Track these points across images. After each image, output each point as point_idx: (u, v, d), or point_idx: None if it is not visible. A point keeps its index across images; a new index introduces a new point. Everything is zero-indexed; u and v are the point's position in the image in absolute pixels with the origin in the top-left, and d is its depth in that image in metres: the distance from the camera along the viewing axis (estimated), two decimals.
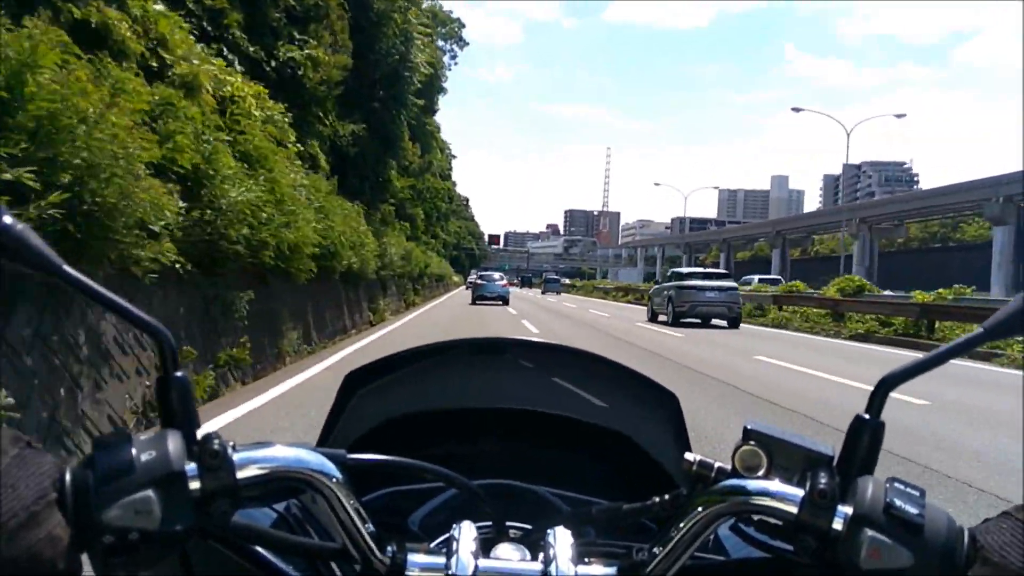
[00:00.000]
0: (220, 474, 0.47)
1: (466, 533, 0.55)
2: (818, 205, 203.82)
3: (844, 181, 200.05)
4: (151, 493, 0.44)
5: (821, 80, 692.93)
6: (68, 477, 0.45)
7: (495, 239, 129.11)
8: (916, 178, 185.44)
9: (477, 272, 40.00)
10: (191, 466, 0.47)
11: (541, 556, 0.55)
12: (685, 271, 20.31)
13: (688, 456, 0.53)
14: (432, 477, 0.60)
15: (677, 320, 18.52)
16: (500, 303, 28.99)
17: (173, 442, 0.47)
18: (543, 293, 55.12)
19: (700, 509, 0.51)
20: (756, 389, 7.94)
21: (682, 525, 0.52)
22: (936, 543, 0.46)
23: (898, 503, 0.47)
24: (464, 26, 40.45)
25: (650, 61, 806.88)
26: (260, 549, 0.56)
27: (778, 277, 40.86)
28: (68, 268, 0.47)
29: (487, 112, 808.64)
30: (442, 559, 0.54)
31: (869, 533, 0.46)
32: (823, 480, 0.48)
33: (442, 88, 37.69)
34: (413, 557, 0.55)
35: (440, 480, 0.61)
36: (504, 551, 0.58)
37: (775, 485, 0.50)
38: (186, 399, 0.49)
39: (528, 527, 0.63)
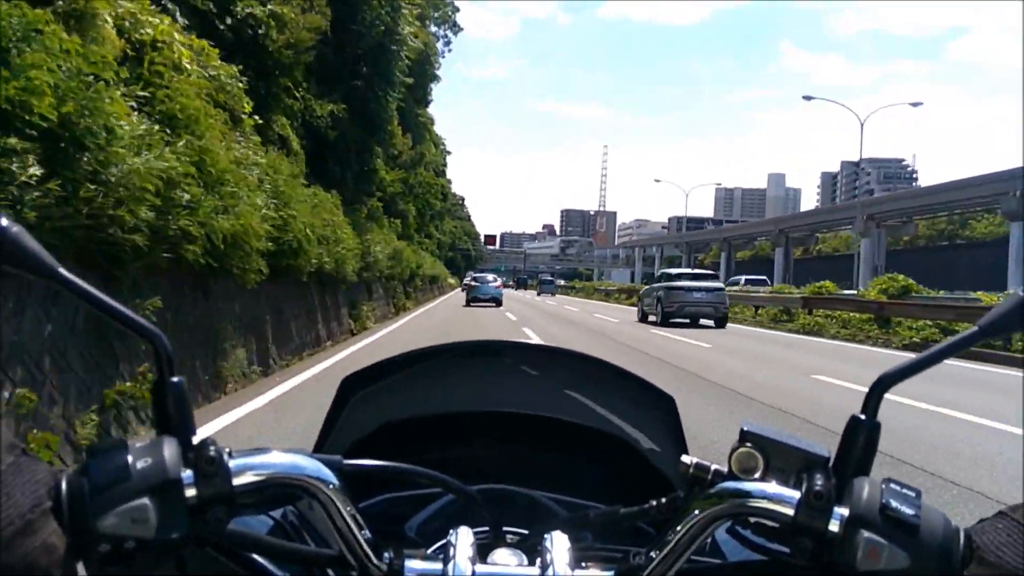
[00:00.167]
0: (216, 481, 0.47)
1: (463, 538, 0.54)
2: (816, 203, 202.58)
3: (843, 178, 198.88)
4: (147, 501, 0.44)
5: (816, 76, 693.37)
6: (64, 485, 0.44)
7: (491, 239, 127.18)
8: (915, 175, 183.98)
9: (472, 274, 39.92)
10: (187, 473, 0.46)
11: (538, 561, 0.55)
12: (674, 272, 20.72)
13: (684, 459, 0.52)
14: (429, 482, 0.61)
15: (666, 320, 18.90)
16: (494, 305, 29.09)
17: (169, 449, 0.46)
18: (538, 295, 55.13)
19: (697, 512, 0.51)
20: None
21: (679, 528, 0.51)
22: (932, 544, 0.46)
23: (894, 504, 0.47)
24: (458, 10, 38.28)
25: (645, 58, 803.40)
26: (256, 556, 0.54)
27: (764, 278, 40.44)
28: (64, 271, 0.47)
29: (482, 110, 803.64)
30: (439, 565, 0.54)
31: (865, 534, 0.46)
32: (819, 481, 0.48)
33: (435, 76, 35.57)
34: (410, 563, 0.55)
35: (437, 485, 0.61)
36: (501, 556, 0.58)
37: (771, 487, 0.50)
38: (182, 405, 0.49)
39: (525, 532, 0.63)
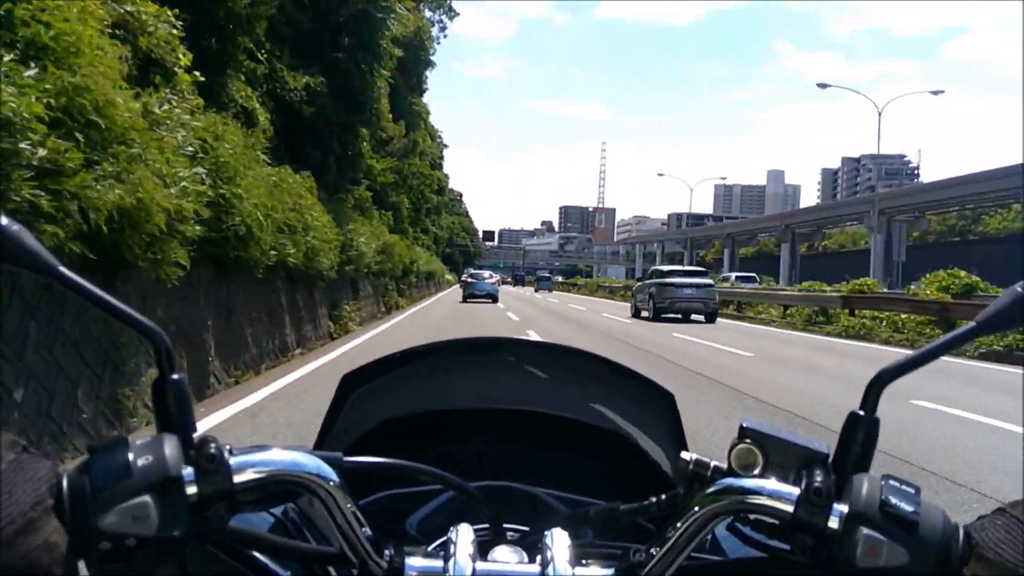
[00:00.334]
0: (217, 478, 0.47)
1: (464, 536, 0.54)
2: (817, 199, 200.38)
3: (844, 174, 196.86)
4: (148, 498, 0.44)
5: (812, 75, 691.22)
6: (65, 483, 0.44)
7: (489, 236, 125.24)
8: (917, 171, 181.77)
9: (469, 271, 39.44)
10: (188, 471, 0.46)
11: (539, 558, 0.54)
12: (665, 269, 21.36)
13: (684, 455, 0.52)
14: (429, 479, 0.60)
15: (658, 315, 19.30)
16: (490, 301, 29.12)
17: (170, 446, 0.46)
18: (536, 291, 55.65)
19: (697, 509, 0.51)
20: None
21: (679, 525, 0.51)
22: (932, 540, 0.46)
23: (893, 500, 0.46)
24: None
25: (642, 57, 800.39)
26: (257, 554, 0.55)
27: (753, 275, 40.78)
28: (63, 269, 0.47)
29: (479, 109, 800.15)
30: (440, 562, 0.54)
31: (865, 531, 0.46)
32: (819, 478, 0.48)
33: (429, 62, 33.62)
34: (411, 560, 0.55)
35: (437, 482, 0.61)
36: (502, 553, 0.58)
37: (771, 484, 0.49)
38: (183, 402, 0.49)
39: (525, 529, 0.63)
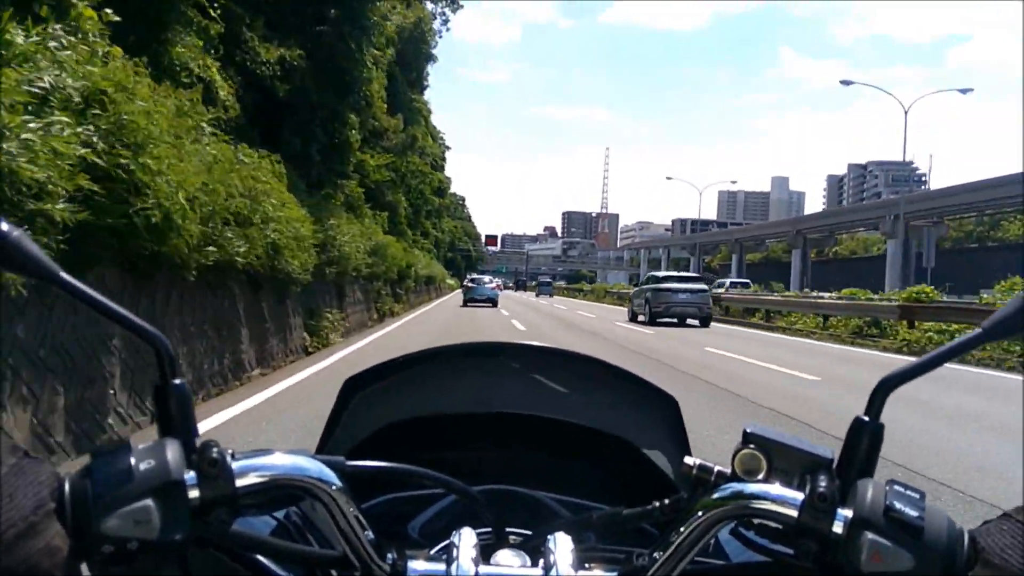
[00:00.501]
0: (219, 483, 0.47)
1: (466, 539, 0.54)
2: (822, 206, 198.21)
3: (850, 180, 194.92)
4: (150, 502, 0.44)
5: (817, 81, 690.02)
6: (67, 487, 0.44)
7: (492, 240, 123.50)
8: (925, 178, 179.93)
9: (470, 276, 39.96)
10: (190, 475, 0.46)
11: (541, 562, 0.54)
12: (661, 275, 21.96)
13: (688, 460, 0.52)
14: (431, 483, 0.60)
15: (653, 319, 19.85)
16: (490, 305, 29.73)
17: (172, 451, 0.46)
18: (536, 296, 57.17)
19: (700, 513, 0.50)
20: None
21: (682, 530, 0.51)
22: (937, 546, 0.46)
23: (898, 506, 0.46)
24: None
25: (646, 63, 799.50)
26: (260, 557, 0.54)
27: (747, 281, 41.34)
28: (65, 275, 0.47)
29: (483, 114, 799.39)
30: (442, 566, 0.54)
31: (870, 536, 0.46)
32: (823, 483, 0.48)
33: (431, 55, 31.89)
34: (413, 564, 0.55)
35: (439, 486, 0.61)
36: (504, 557, 0.58)
37: (775, 489, 0.49)
38: (185, 407, 0.49)
39: (528, 533, 0.63)
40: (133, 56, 5.91)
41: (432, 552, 0.60)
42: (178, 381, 0.49)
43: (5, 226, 0.45)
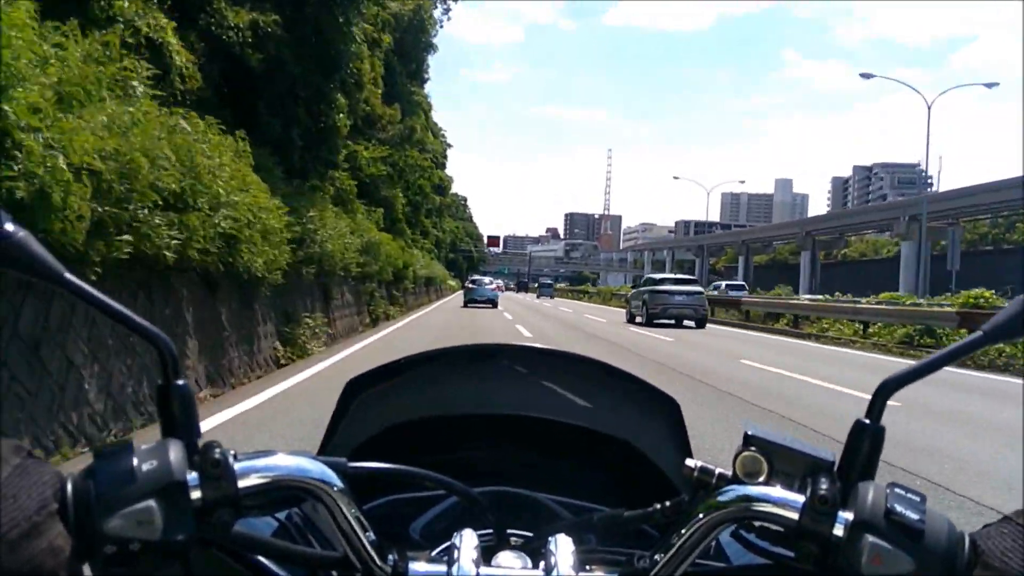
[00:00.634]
0: (221, 483, 0.47)
1: (467, 541, 0.54)
2: (826, 208, 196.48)
3: (855, 182, 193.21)
4: (152, 503, 0.44)
5: (820, 83, 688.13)
6: (69, 487, 0.44)
7: (494, 241, 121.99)
8: (931, 180, 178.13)
9: (471, 277, 39.78)
10: (192, 475, 0.46)
11: (542, 564, 0.54)
12: (658, 277, 22.57)
13: (689, 462, 0.52)
14: (433, 485, 0.60)
15: (651, 320, 20.18)
16: (490, 306, 30.13)
17: (174, 451, 0.46)
18: (537, 297, 57.75)
19: (701, 516, 0.50)
20: None
21: (683, 532, 0.51)
22: (937, 549, 0.46)
23: (899, 508, 0.46)
24: None
25: (649, 64, 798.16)
26: (261, 558, 0.54)
27: (743, 283, 41.13)
28: (70, 276, 0.47)
29: (485, 115, 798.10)
30: (443, 567, 0.53)
31: (870, 539, 0.46)
32: (824, 486, 0.48)
33: (431, 45, 30.35)
34: (414, 566, 0.54)
35: (441, 488, 0.61)
36: (505, 559, 0.58)
37: (776, 491, 0.49)
38: (187, 408, 0.49)
39: (529, 535, 0.63)
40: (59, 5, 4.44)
41: (433, 554, 0.60)
42: (181, 382, 0.49)
43: (11, 226, 0.45)
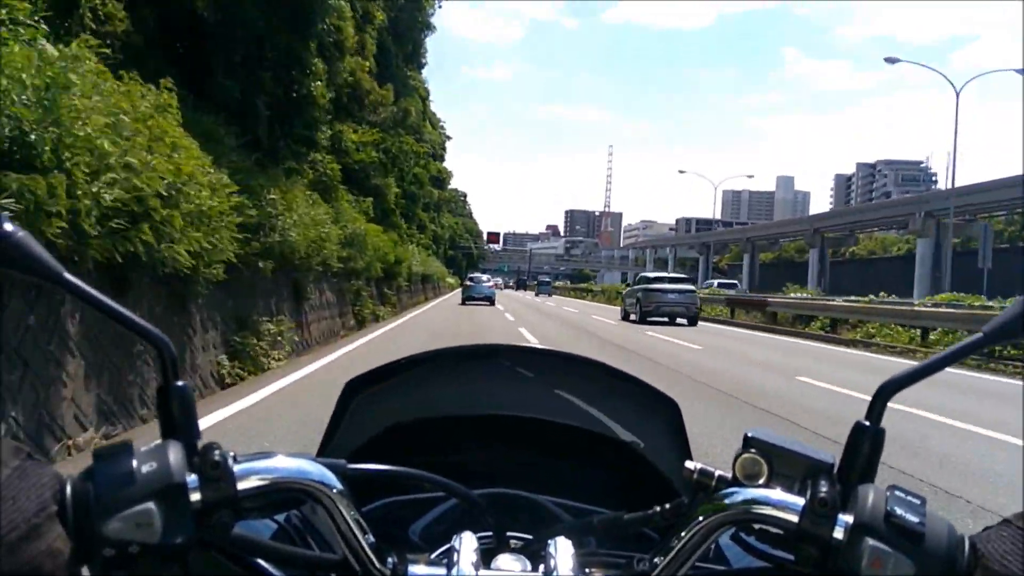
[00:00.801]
0: (221, 485, 0.46)
1: (467, 544, 0.54)
2: (829, 205, 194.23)
3: (859, 180, 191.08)
4: (152, 505, 0.44)
5: (821, 81, 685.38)
6: (69, 489, 0.44)
7: (494, 237, 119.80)
8: (934, 177, 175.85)
9: (470, 275, 39.43)
10: (192, 477, 0.46)
11: (542, 567, 0.54)
12: (652, 276, 23.24)
13: (689, 464, 0.52)
14: (432, 487, 0.60)
15: (644, 318, 20.75)
16: (487, 304, 30.45)
17: (174, 453, 0.46)
18: (536, 295, 57.88)
19: (701, 518, 0.50)
20: None
21: (683, 534, 0.51)
22: (937, 552, 0.46)
23: (899, 511, 0.46)
24: None
25: (651, 62, 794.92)
26: (261, 561, 0.54)
27: (735, 282, 41.27)
28: (69, 275, 0.47)
29: (486, 113, 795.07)
30: (443, 570, 0.53)
31: (870, 542, 0.46)
32: (824, 488, 0.48)
33: (428, 24, 28.40)
34: (414, 568, 0.54)
35: (440, 490, 0.60)
36: (505, 562, 0.57)
37: (776, 494, 0.49)
38: (187, 409, 0.49)
39: (529, 537, 0.62)
40: None
41: (433, 556, 0.60)
42: (180, 383, 0.48)
43: (9, 226, 0.45)
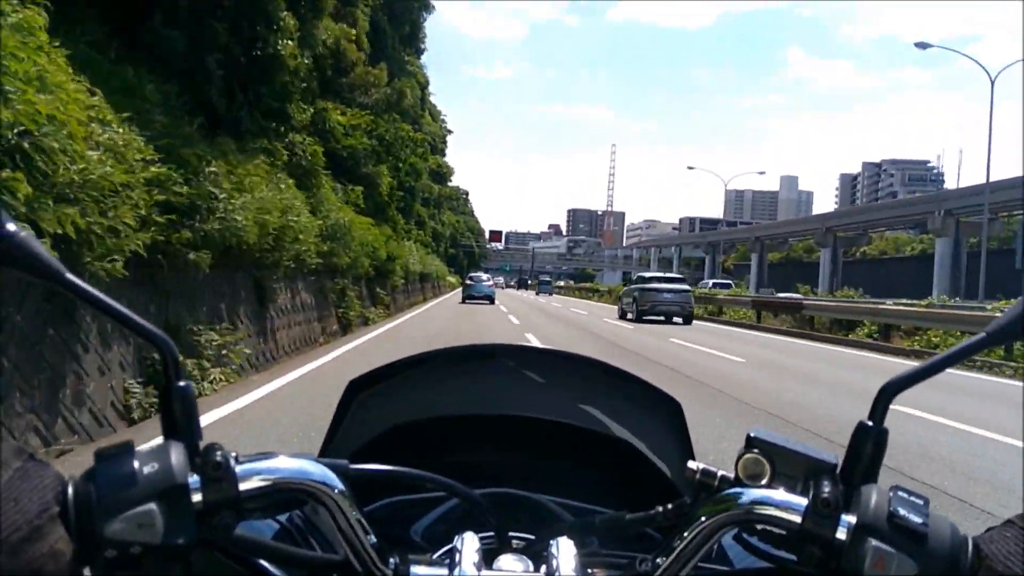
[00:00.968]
0: (223, 486, 0.46)
1: (468, 544, 0.54)
2: (834, 205, 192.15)
3: (864, 179, 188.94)
4: (153, 506, 0.44)
5: (823, 81, 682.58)
6: (71, 490, 0.44)
7: (496, 235, 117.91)
8: (942, 177, 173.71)
9: (470, 275, 38.86)
10: (194, 478, 0.46)
11: (544, 567, 0.54)
12: (648, 275, 23.89)
13: (691, 464, 0.52)
14: (434, 487, 0.60)
15: (640, 317, 21.39)
16: (487, 302, 30.65)
17: (176, 454, 0.46)
18: (537, 294, 58.05)
19: (704, 518, 0.50)
20: None
21: (686, 535, 0.51)
22: (940, 552, 0.45)
23: (902, 512, 0.46)
24: None
25: (653, 61, 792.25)
26: (263, 561, 0.54)
27: (728, 281, 41.60)
28: (71, 276, 0.47)
29: (488, 112, 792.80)
30: (445, 570, 0.54)
31: (873, 543, 0.46)
32: (826, 489, 0.48)
33: (426, 4, 26.52)
34: (416, 568, 0.54)
35: (442, 490, 0.60)
36: (507, 562, 0.57)
37: (778, 494, 0.49)
38: (189, 409, 0.48)
39: (531, 537, 0.62)
40: None
41: (435, 556, 0.59)
42: (182, 383, 0.48)
43: (12, 226, 0.45)
